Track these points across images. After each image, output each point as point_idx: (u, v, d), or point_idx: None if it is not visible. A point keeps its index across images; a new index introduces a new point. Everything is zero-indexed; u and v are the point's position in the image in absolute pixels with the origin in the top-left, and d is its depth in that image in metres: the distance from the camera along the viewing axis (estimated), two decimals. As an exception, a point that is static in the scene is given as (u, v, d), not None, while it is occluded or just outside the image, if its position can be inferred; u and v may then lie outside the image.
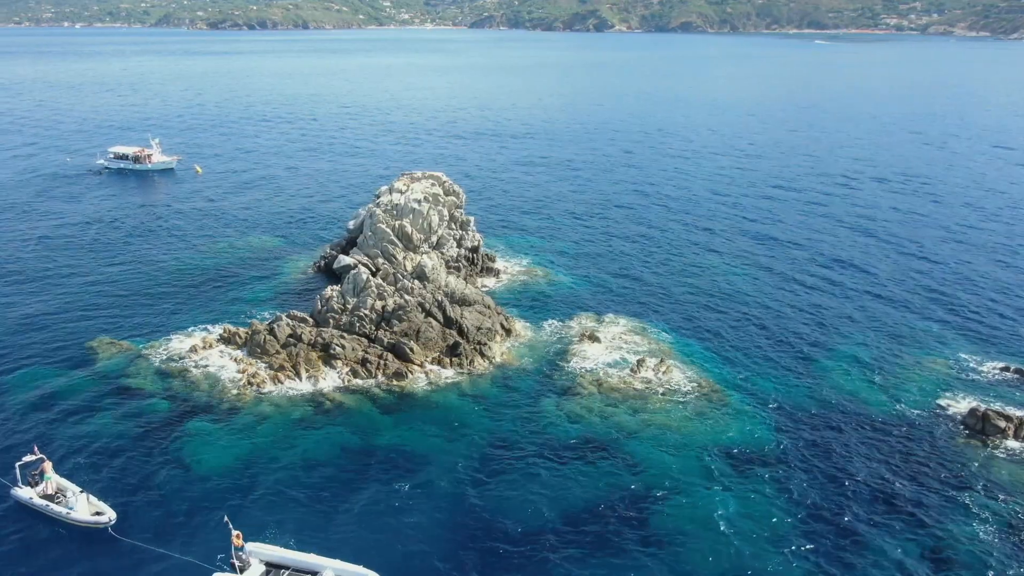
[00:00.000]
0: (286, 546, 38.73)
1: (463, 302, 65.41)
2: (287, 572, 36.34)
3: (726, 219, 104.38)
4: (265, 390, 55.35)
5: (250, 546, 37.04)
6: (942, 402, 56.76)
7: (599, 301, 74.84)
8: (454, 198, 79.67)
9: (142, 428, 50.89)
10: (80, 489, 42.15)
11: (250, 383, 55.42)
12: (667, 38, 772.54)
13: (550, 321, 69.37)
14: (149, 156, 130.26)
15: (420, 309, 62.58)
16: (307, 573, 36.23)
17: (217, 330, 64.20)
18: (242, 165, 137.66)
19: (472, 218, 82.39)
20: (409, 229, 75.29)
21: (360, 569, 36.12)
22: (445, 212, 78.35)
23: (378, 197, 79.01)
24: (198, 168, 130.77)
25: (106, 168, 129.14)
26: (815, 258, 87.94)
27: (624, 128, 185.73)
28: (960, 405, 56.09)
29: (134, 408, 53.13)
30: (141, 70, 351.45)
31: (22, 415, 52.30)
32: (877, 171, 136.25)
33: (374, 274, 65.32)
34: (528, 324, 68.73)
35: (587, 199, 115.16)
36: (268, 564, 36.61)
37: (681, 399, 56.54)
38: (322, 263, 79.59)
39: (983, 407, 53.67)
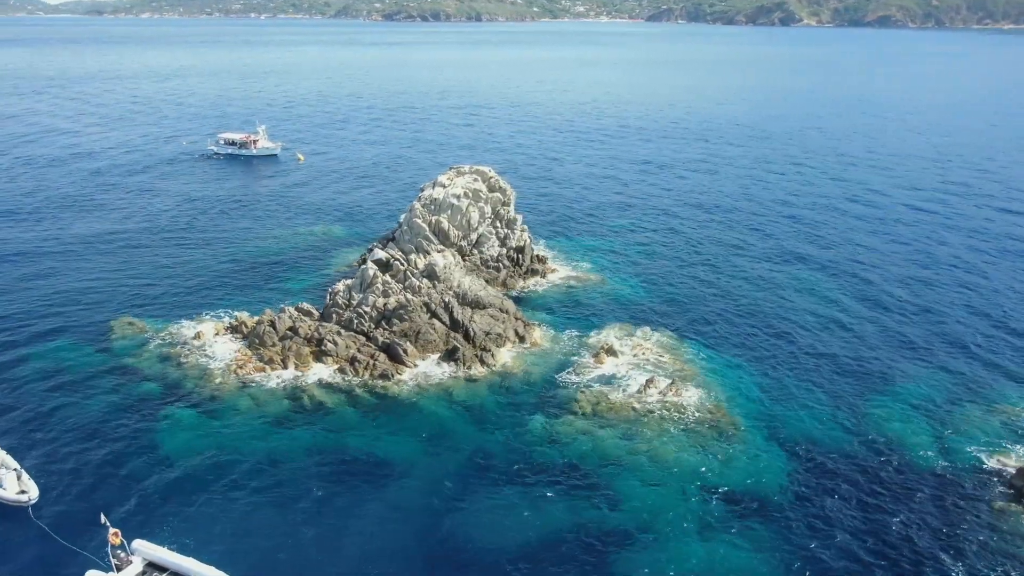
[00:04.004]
0: (195, 548, 37.59)
1: (476, 304, 62.38)
2: (166, 574, 34.94)
3: (821, 240, 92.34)
4: (250, 383, 54.67)
5: (138, 543, 35.92)
6: (995, 458, 48.13)
7: (642, 313, 69.47)
8: (499, 195, 76.53)
9: (121, 409, 51.51)
10: (15, 466, 42.71)
11: (236, 375, 54.95)
12: (860, 33, 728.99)
13: (574, 330, 64.95)
14: (255, 142, 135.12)
15: (425, 309, 60.12)
16: None
17: (236, 317, 64.40)
18: (347, 155, 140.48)
19: (520, 216, 78.91)
20: (446, 225, 73.00)
21: None
22: (487, 209, 75.41)
23: (422, 191, 77.18)
24: (300, 156, 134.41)
25: (216, 153, 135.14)
26: (902, 287, 76.72)
27: (756, 132, 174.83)
28: (1016, 462, 47.48)
29: (122, 389, 54.00)
30: (294, 59, 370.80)
31: (14, 387, 54.21)
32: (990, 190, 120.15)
33: (384, 270, 63.47)
34: (549, 331, 64.74)
35: (684, 204, 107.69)
36: (150, 564, 35.34)
37: (684, 428, 51.01)
38: (367, 256, 78.67)
39: (1034, 470, 45.07)
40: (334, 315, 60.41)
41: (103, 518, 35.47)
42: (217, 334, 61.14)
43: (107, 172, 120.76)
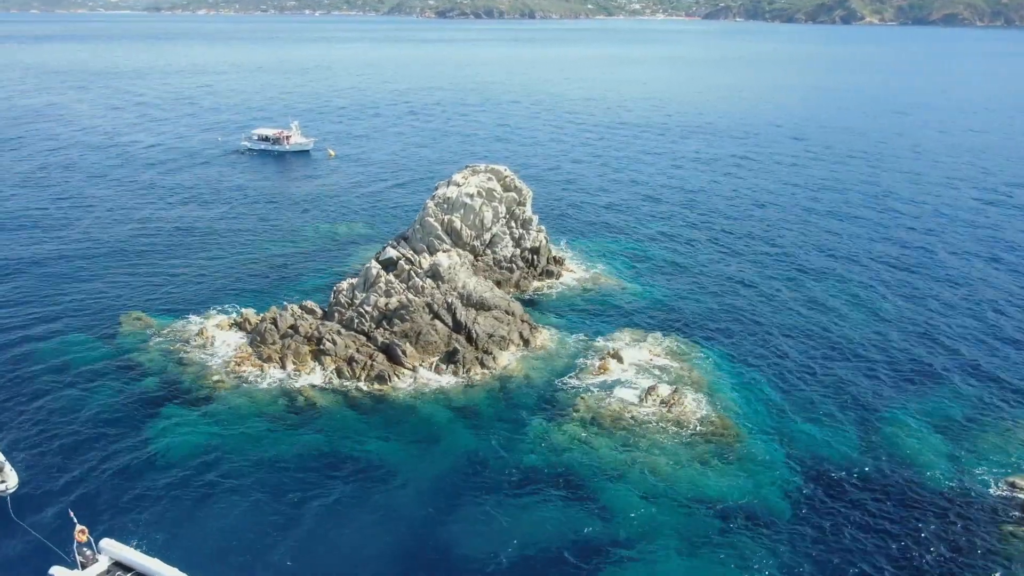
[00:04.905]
0: (164, 546, 37.36)
1: (480, 306, 61.32)
2: (131, 574, 34.62)
3: (845, 251, 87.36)
4: (246, 381, 54.41)
5: (106, 543, 35.65)
6: (1008, 479, 45.49)
7: (655, 318, 67.71)
8: (514, 194, 75.37)
9: (114, 403, 51.64)
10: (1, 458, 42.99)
11: (233, 372, 54.76)
12: (924, 32, 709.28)
13: (582, 334, 63.46)
14: (287, 138, 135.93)
15: (427, 310, 59.29)
16: None
17: (241, 314, 64.34)
18: (378, 151, 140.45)
19: (536, 216, 77.63)
20: (459, 225, 72.12)
21: None
22: (502, 209, 74.33)
23: (436, 190, 76.41)
24: (331, 151, 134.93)
25: (249, 149, 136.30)
26: (921, 302, 72.48)
27: (792, 133, 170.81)
28: (1035, 487, 44.90)
29: (118, 383, 54.16)
30: (339, 56, 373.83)
31: (9, 377, 54.93)
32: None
33: (390, 269, 62.80)
34: (556, 334, 63.43)
35: (710, 208, 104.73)
36: (116, 563, 35.06)
37: (683, 438, 49.30)
38: (380, 254, 78.21)
39: (1050, 494, 42.51)
40: (336, 314, 59.94)
41: (71, 514, 35.27)
42: (224, 329, 61.10)
43: (137, 166, 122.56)
